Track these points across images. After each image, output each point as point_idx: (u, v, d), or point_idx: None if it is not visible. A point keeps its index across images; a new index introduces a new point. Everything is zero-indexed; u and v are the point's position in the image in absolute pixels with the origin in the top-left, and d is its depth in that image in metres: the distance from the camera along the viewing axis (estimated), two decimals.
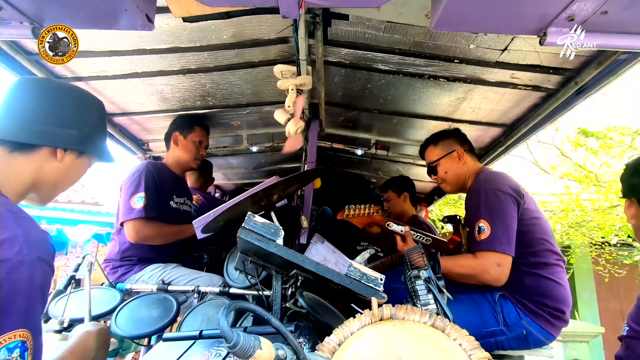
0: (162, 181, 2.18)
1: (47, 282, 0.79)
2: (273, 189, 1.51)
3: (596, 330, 4.69)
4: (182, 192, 2.37)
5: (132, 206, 2.01)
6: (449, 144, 2.04)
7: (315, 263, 1.22)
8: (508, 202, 1.70)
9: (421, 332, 0.97)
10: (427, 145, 2.13)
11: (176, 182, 2.36)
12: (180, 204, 2.32)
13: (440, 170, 2.04)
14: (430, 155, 2.09)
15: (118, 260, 2.07)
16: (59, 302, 1.56)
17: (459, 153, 2.00)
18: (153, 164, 2.25)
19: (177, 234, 2.14)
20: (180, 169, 2.42)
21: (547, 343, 1.69)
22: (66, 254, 8.32)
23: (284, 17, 1.12)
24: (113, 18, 1.13)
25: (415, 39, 1.79)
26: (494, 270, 1.63)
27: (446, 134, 2.11)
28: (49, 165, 0.98)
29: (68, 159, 1.00)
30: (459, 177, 2.01)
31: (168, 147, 2.41)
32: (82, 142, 1.02)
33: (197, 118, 2.50)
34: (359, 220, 2.08)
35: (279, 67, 1.97)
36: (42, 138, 0.96)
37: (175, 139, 2.35)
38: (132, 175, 2.13)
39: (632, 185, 1.22)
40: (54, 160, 0.98)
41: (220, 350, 1.15)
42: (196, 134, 2.39)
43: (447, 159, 2.02)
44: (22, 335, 0.72)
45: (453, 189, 2.08)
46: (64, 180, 1.04)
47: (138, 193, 2.04)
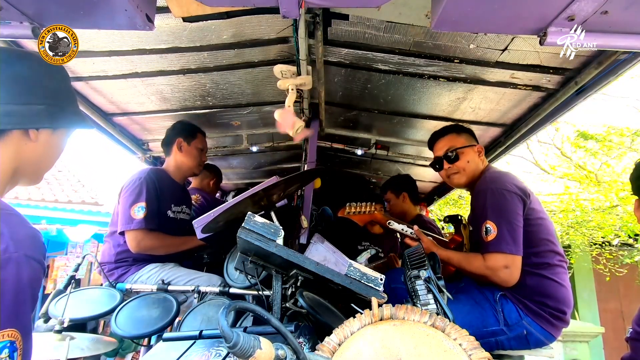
0: (162, 190, 2.17)
1: (36, 280, 0.76)
2: (273, 189, 1.51)
3: (596, 330, 4.70)
4: (180, 200, 2.35)
5: (133, 216, 1.99)
6: (470, 138, 2.00)
7: (315, 263, 1.22)
8: (514, 201, 1.69)
9: (421, 332, 0.97)
10: (447, 133, 2.03)
11: (175, 190, 2.33)
12: (178, 213, 2.30)
13: (463, 159, 1.94)
14: (454, 142, 1.98)
15: (113, 263, 2.06)
16: (59, 302, 1.56)
17: (479, 149, 1.97)
18: (155, 172, 2.22)
19: (180, 245, 2.13)
20: (182, 175, 2.40)
21: (547, 343, 1.69)
22: (66, 254, 8.31)
23: (284, 17, 1.12)
24: (113, 18, 1.13)
25: (415, 39, 1.79)
26: (502, 273, 1.62)
27: (466, 128, 2.05)
28: (25, 147, 0.91)
29: (43, 137, 0.93)
30: (475, 172, 1.94)
31: (168, 153, 2.38)
32: (54, 117, 0.94)
33: (197, 124, 2.49)
34: (360, 218, 2.06)
35: (279, 67, 1.97)
36: (9, 121, 0.87)
37: (179, 145, 2.33)
38: (133, 182, 2.10)
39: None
40: (28, 141, 0.91)
41: (220, 350, 1.15)
42: (199, 140, 2.40)
43: (471, 150, 1.95)
44: (11, 335, 0.70)
45: (466, 182, 1.98)
46: (46, 158, 0.97)
47: (139, 202, 2.02)
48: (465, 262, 1.74)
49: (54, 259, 8.29)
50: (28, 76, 0.93)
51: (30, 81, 0.93)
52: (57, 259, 8.29)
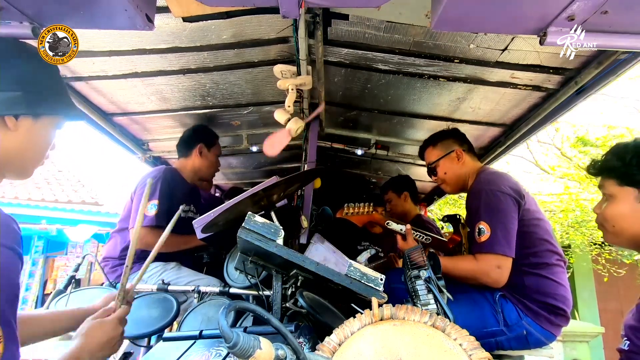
0: (175, 190, 2.21)
1: (9, 268, 0.70)
2: (273, 189, 1.51)
3: (596, 330, 4.70)
4: (190, 199, 2.38)
5: (145, 213, 2.02)
6: (447, 145, 2.04)
7: (315, 263, 1.22)
8: (508, 202, 1.70)
9: (421, 332, 0.97)
10: (426, 147, 2.14)
11: (187, 190, 2.37)
12: (187, 212, 2.33)
13: (440, 171, 2.05)
14: (429, 157, 2.10)
15: (117, 259, 2.07)
16: (59, 302, 1.56)
17: (458, 153, 2.00)
18: (169, 171, 2.27)
19: (182, 243, 2.14)
20: (196, 178, 2.45)
21: (547, 343, 1.69)
22: (66, 254, 8.32)
23: (284, 17, 1.12)
24: (113, 18, 1.12)
25: (415, 38, 1.79)
26: (494, 273, 1.63)
27: (444, 134, 2.11)
28: (5, 137, 0.87)
29: (24, 126, 0.89)
30: (459, 178, 2.01)
31: (185, 155, 2.42)
32: (32, 104, 0.89)
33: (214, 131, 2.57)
34: (359, 219, 2.07)
35: (279, 67, 1.97)
36: None
37: (200, 150, 2.40)
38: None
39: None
40: (8, 131, 0.87)
41: (220, 350, 1.15)
42: (217, 148, 2.50)
43: (446, 160, 2.02)
44: None
45: (453, 190, 2.08)
46: (30, 149, 0.93)
47: (152, 200, 2.06)
48: (452, 265, 1.70)
49: (54, 259, 8.30)
50: (6, 63, 0.89)
51: (8, 67, 0.89)
52: (57, 259, 8.29)
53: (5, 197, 7.76)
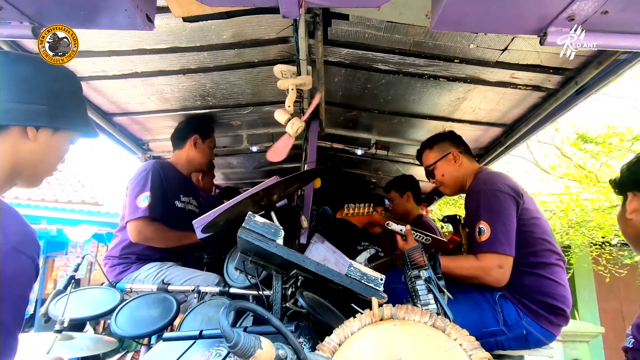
0: (168, 181, 2.19)
1: (22, 274, 0.74)
2: (273, 189, 1.51)
3: (596, 330, 4.69)
4: (188, 191, 2.38)
5: (138, 205, 2.02)
6: (443, 147, 2.06)
7: (315, 263, 1.22)
8: (507, 201, 1.71)
9: (421, 332, 0.97)
10: (423, 150, 2.16)
11: (183, 182, 2.36)
12: (186, 204, 2.32)
13: (437, 174, 2.06)
14: (426, 160, 2.12)
15: (117, 258, 2.07)
16: (59, 302, 1.56)
17: (455, 155, 2.01)
18: (160, 164, 2.26)
19: (179, 239, 2.14)
20: (190, 169, 2.44)
21: (547, 343, 1.69)
22: (66, 254, 8.31)
23: (284, 17, 1.12)
24: (113, 18, 1.12)
25: (415, 39, 1.79)
26: (495, 273, 1.63)
27: (440, 137, 2.12)
28: (24, 146, 0.91)
29: (43, 137, 0.94)
30: (457, 179, 2.02)
31: (179, 147, 2.41)
32: (54, 118, 0.95)
33: (211, 123, 2.58)
34: (359, 219, 2.08)
35: (279, 67, 1.97)
36: (7, 117, 0.88)
37: (195, 141, 2.39)
38: (138, 174, 2.13)
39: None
40: (27, 141, 0.92)
41: (220, 350, 1.15)
42: (212, 140, 2.49)
43: (443, 162, 2.03)
44: None
45: (452, 191, 2.10)
46: (44, 160, 0.97)
47: (144, 192, 2.05)
48: (453, 264, 1.70)
49: (54, 259, 8.29)
50: (32, 77, 0.94)
51: (34, 82, 0.94)
52: (57, 259, 8.28)
53: (6, 197, 7.73)
